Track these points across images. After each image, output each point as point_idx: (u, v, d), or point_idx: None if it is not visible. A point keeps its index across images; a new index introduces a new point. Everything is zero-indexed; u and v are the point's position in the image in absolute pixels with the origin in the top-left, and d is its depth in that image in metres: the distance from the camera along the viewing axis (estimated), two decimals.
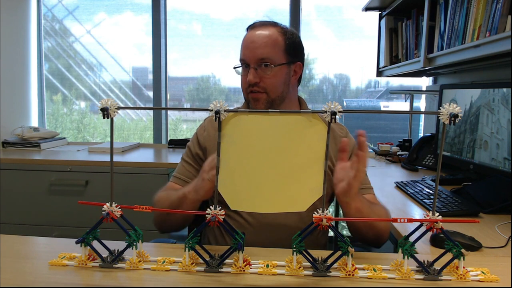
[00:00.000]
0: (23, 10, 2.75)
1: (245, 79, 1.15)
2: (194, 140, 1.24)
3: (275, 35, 1.14)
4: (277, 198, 0.78)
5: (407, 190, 1.52)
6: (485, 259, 0.92)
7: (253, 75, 1.12)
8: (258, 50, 1.12)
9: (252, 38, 1.14)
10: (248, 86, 1.14)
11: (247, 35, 1.16)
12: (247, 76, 1.14)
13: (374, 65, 2.49)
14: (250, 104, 1.18)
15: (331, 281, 0.78)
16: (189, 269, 0.80)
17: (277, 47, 1.14)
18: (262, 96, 1.14)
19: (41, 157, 2.27)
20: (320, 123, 0.75)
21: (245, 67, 1.16)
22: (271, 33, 1.14)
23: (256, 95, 1.14)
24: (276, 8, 2.86)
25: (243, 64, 1.16)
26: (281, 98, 1.16)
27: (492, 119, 1.48)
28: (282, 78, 1.15)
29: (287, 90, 1.18)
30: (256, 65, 1.13)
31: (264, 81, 1.13)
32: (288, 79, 1.17)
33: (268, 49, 1.12)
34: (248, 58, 1.13)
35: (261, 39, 1.13)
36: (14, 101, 2.70)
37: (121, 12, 2.94)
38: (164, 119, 2.93)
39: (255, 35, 1.14)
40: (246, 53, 1.14)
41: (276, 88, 1.15)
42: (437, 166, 0.77)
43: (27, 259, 0.87)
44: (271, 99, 1.15)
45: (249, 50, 1.13)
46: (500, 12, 1.22)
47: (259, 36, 1.13)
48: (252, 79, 1.12)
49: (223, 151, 0.77)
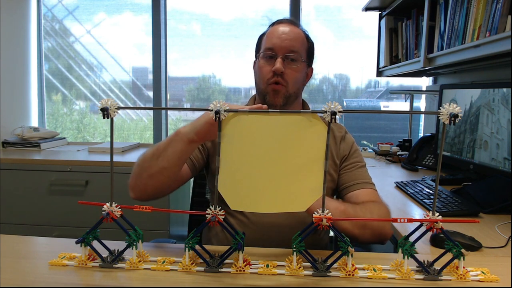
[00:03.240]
0: (23, 10, 2.75)
1: (267, 69, 1.14)
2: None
3: (302, 35, 1.18)
4: (277, 198, 0.78)
5: (407, 190, 1.52)
6: (485, 259, 0.92)
7: (281, 63, 1.12)
8: (289, 42, 1.13)
9: (283, 30, 1.15)
10: (271, 77, 1.13)
11: (277, 28, 1.17)
12: (271, 66, 1.13)
13: (374, 65, 2.49)
14: (267, 97, 1.15)
15: (331, 281, 0.78)
16: (189, 269, 0.80)
17: (304, 45, 1.17)
18: (283, 90, 1.13)
19: (41, 157, 2.27)
20: (320, 123, 0.75)
21: (269, 57, 1.15)
22: (299, 31, 1.18)
23: (278, 87, 1.13)
24: (276, 8, 2.86)
25: (268, 55, 1.15)
26: (296, 95, 1.17)
27: (492, 119, 1.48)
28: (302, 76, 1.18)
29: (301, 89, 1.20)
30: (284, 56, 1.13)
31: (288, 74, 1.13)
32: (304, 79, 1.20)
33: (298, 43, 1.15)
34: (279, 47, 1.13)
35: (292, 33, 1.15)
36: (14, 101, 2.70)
37: (121, 12, 2.94)
38: (164, 119, 2.93)
39: (286, 28, 1.15)
40: (277, 42, 1.13)
41: (296, 83, 1.16)
42: (437, 166, 0.77)
43: (27, 259, 0.87)
44: (288, 94, 1.14)
45: (280, 40, 1.13)
46: (500, 12, 1.22)
47: (291, 30, 1.15)
48: (280, 67, 1.11)
49: (223, 151, 0.77)
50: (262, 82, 1.16)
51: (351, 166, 1.19)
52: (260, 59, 1.17)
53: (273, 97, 1.14)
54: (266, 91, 1.15)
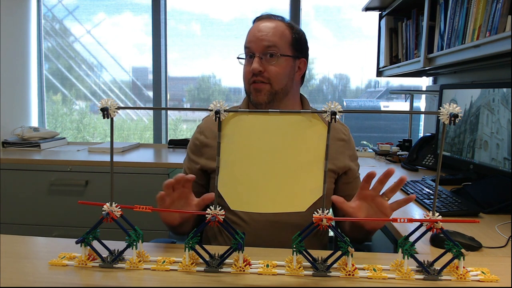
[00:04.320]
0: (23, 10, 2.75)
1: (248, 69, 1.13)
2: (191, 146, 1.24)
3: (282, 27, 1.14)
4: (277, 198, 0.78)
5: (407, 190, 1.51)
6: (485, 259, 0.92)
7: (258, 63, 1.10)
8: (266, 38, 1.11)
9: (258, 28, 1.13)
10: (251, 76, 1.12)
11: (254, 25, 1.15)
12: (250, 66, 1.12)
13: (374, 65, 2.49)
14: (251, 97, 1.14)
15: (331, 281, 0.78)
16: (189, 269, 0.80)
17: (283, 38, 1.13)
18: (265, 87, 1.12)
19: (41, 157, 2.27)
20: (320, 123, 0.75)
21: (249, 57, 1.14)
22: (278, 25, 1.14)
23: (258, 86, 1.12)
24: (275, 8, 2.86)
25: (248, 54, 1.14)
26: (284, 91, 1.14)
27: (492, 119, 1.48)
28: (287, 70, 1.14)
29: (290, 84, 1.16)
30: (261, 54, 1.11)
31: (268, 71, 1.11)
32: (292, 73, 1.16)
33: (275, 38, 1.11)
34: (254, 46, 1.11)
35: (268, 28, 1.12)
36: (14, 101, 2.70)
37: (121, 12, 2.94)
38: (164, 119, 2.93)
39: (262, 25, 1.13)
40: (252, 40, 1.12)
41: (280, 79, 1.12)
42: (437, 166, 0.77)
43: (27, 259, 0.87)
44: (274, 91, 1.12)
45: (255, 38, 1.12)
46: (500, 12, 1.22)
47: (266, 26, 1.13)
48: (257, 67, 1.10)
49: (223, 151, 0.77)
50: (245, 83, 1.16)
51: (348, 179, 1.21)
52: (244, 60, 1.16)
53: (255, 96, 1.13)
54: (250, 90, 1.15)
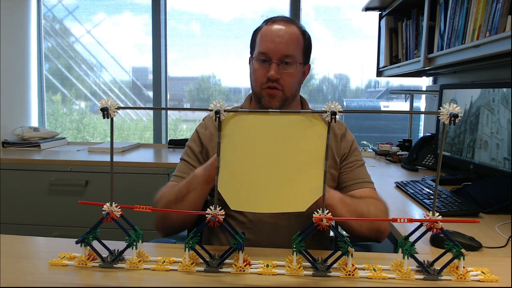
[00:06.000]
0: (23, 10, 2.75)
1: (261, 73, 1.12)
2: (195, 138, 1.22)
3: (298, 33, 1.13)
4: (277, 198, 0.78)
5: (407, 190, 1.52)
6: (485, 259, 0.92)
7: (276, 70, 1.09)
8: (284, 46, 1.09)
9: (278, 33, 1.10)
10: (265, 81, 1.11)
11: (271, 29, 1.12)
12: (266, 71, 1.11)
13: (374, 65, 2.49)
14: (262, 100, 1.14)
15: (331, 281, 0.78)
16: (189, 269, 0.80)
17: (299, 46, 1.12)
18: (279, 94, 1.12)
19: (41, 157, 2.27)
20: (320, 123, 0.75)
21: (263, 61, 1.12)
22: (294, 31, 1.12)
23: (273, 92, 1.11)
24: (275, 8, 2.86)
25: (261, 59, 1.12)
26: (293, 97, 1.16)
27: (492, 119, 1.48)
28: (298, 78, 1.15)
29: (298, 89, 1.19)
30: (278, 61, 1.10)
31: (284, 79, 1.11)
32: (301, 79, 1.18)
33: (293, 46, 1.11)
34: (273, 52, 1.10)
35: (287, 35, 1.10)
36: (14, 101, 2.70)
37: (120, 12, 2.94)
38: (164, 119, 2.93)
39: (280, 30, 1.10)
40: (271, 47, 1.10)
41: (293, 87, 1.14)
42: (437, 166, 0.77)
43: (27, 259, 0.87)
44: (285, 97, 1.13)
45: (274, 45, 1.09)
46: (500, 12, 1.22)
47: (285, 32, 1.10)
48: (275, 75, 1.09)
49: (223, 151, 0.77)
50: (256, 85, 1.14)
51: (351, 165, 1.19)
52: (255, 62, 1.14)
53: (268, 101, 1.13)
54: (261, 94, 1.14)
